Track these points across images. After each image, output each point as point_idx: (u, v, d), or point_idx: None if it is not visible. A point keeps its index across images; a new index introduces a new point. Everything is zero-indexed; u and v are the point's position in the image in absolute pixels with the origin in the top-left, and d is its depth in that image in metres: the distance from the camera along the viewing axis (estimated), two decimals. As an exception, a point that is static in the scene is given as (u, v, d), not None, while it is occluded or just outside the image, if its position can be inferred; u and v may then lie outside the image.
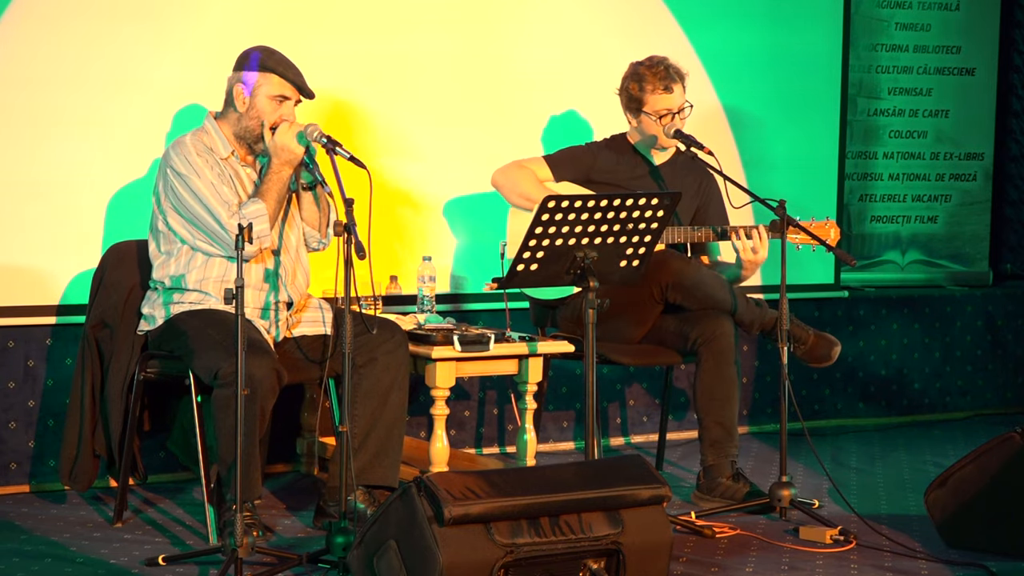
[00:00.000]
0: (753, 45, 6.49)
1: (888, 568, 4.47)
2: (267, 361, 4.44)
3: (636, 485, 4.00)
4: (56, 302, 5.23)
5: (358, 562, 3.94)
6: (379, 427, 4.69)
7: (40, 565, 4.35)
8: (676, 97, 5.31)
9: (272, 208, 4.63)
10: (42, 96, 5.16)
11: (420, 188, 5.82)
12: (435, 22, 5.81)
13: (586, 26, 6.10)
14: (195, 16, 5.37)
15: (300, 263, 4.83)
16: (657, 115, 5.30)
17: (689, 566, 4.44)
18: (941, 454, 6.22)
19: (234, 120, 4.73)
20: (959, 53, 7.37)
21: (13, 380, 5.23)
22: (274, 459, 5.54)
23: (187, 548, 4.54)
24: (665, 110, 5.30)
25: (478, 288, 5.86)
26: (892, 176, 7.32)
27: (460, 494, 3.77)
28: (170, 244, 4.71)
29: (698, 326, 5.20)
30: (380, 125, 5.72)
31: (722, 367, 5.17)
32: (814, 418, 6.79)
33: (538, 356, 5.05)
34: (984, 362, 7.22)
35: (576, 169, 5.40)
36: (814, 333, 5.24)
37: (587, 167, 5.39)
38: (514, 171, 5.38)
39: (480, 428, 6.07)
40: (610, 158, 5.41)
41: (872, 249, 7.30)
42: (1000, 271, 7.64)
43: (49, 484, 5.25)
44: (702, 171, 5.42)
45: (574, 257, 4.60)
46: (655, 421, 6.36)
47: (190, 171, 4.63)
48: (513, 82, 5.97)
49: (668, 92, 5.29)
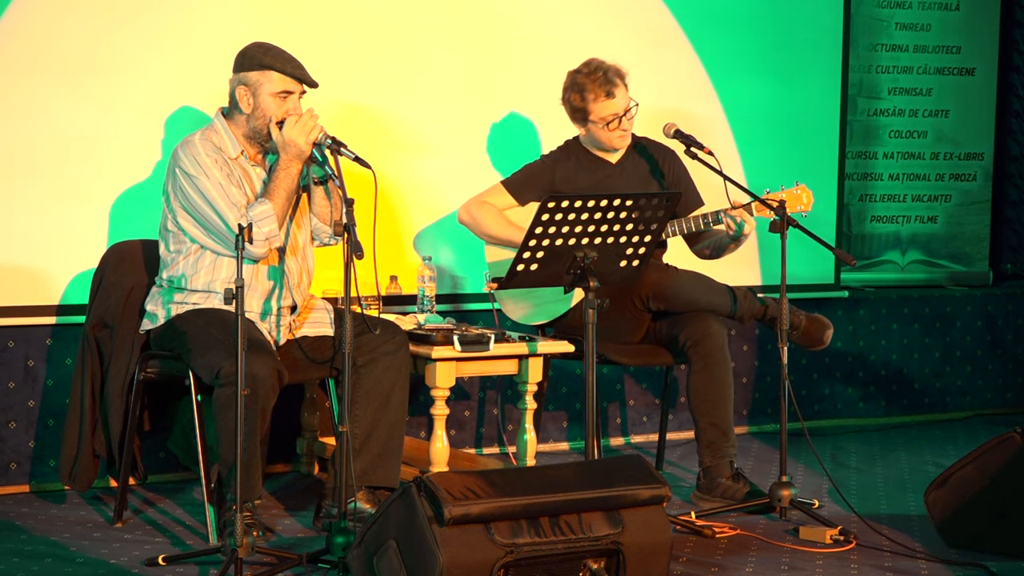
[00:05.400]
0: (753, 45, 6.49)
1: (888, 568, 4.47)
2: (268, 361, 4.43)
3: (636, 485, 4.00)
4: (56, 302, 5.24)
5: (358, 562, 3.94)
6: (381, 428, 4.69)
7: (40, 565, 4.35)
8: (620, 100, 5.24)
9: (281, 206, 4.61)
10: (42, 96, 5.16)
11: (420, 188, 5.82)
12: (435, 21, 5.81)
13: (588, 26, 6.09)
14: (196, 15, 5.37)
15: (306, 265, 4.82)
16: (604, 122, 5.25)
17: (689, 566, 4.44)
18: (941, 454, 6.22)
19: (242, 122, 4.70)
20: (959, 53, 7.37)
21: (13, 380, 5.23)
22: (274, 459, 5.54)
23: (187, 548, 4.54)
24: (611, 115, 5.24)
25: (478, 288, 5.86)
26: (892, 176, 7.32)
27: (460, 494, 3.77)
28: (179, 244, 4.70)
29: (686, 329, 5.19)
30: (379, 125, 5.72)
31: (711, 368, 5.16)
32: (814, 418, 6.79)
33: (538, 356, 5.05)
34: (984, 362, 7.22)
35: (536, 186, 5.35)
36: (806, 317, 5.23)
37: (547, 182, 5.35)
38: (475, 209, 5.36)
39: (480, 428, 6.07)
40: (568, 167, 5.37)
41: (872, 249, 7.30)
42: (1000, 271, 7.65)
43: (49, 484, 5.25)
44: (659, 152, 5.40)
45: (574, 257, 4.60)
46: (655, 421, 6.36)
47: (199, 171, 4.62)
48: (514, 81, 5.97)
49: (610, 97, 5.22)
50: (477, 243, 5.86)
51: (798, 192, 5.25)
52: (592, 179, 5.35)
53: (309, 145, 4.57)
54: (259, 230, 4.53)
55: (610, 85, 5.21)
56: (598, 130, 5.28)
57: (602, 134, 5.28)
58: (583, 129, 5.33)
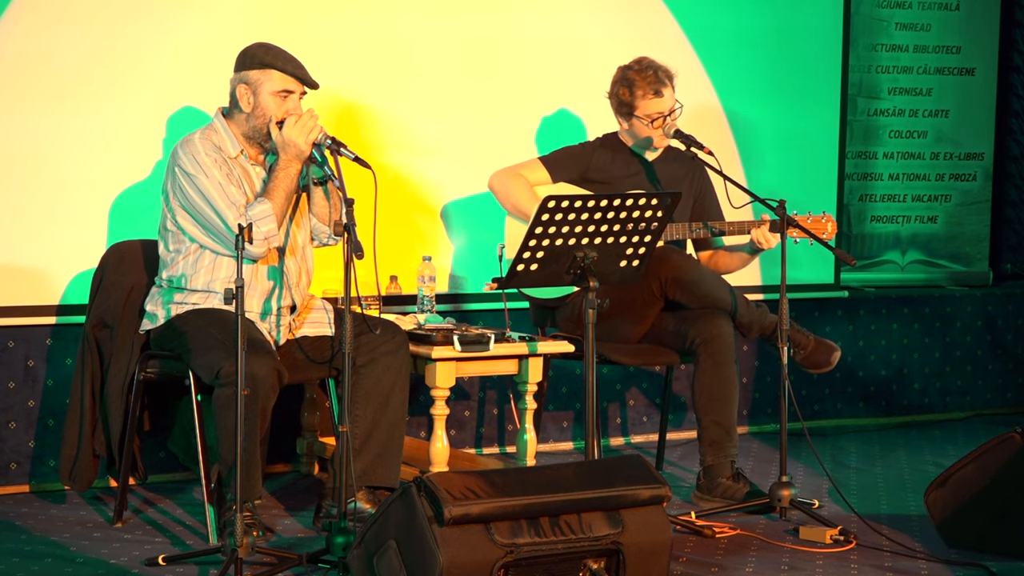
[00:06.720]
0: (753, 45, 6.49)
1: (888, 568, 4.47)
2: (268, 360, 4.43)
3: (636, 485, 4.00)
4: (56, 302, 5.23)
5: (358, 562, 3.94)
6: (381, 428, 4.69)
7: (40, 565, 4.35)
8: (667, 100, 5.32)
9: (280, 206, 4.61)
10: (42, 96, 5.16)
11: (420, 188, 5.82)
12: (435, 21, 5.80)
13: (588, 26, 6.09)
14: (196, 15, 5.37)
15: (305, 265, 4.82)
16: (649, 119, 5.31)
17: (689, 566, 4.44)
18: (941, 454, 6.22)
19: (242, 121, 4.71)
20: (959, 53, 7.37)
21: (13, 380, 5.23)
22: (274, 459, 5.54)
23: (187, 548, 4.54)
24: (656, 114, 5.31)
25: (478, 288, 5.86)
26: (892, 176, 7.32)
27: (460, 494, 3.77)
28: (178, 243, 4.70)
29: (696, 326, 5.20)
30: (379, 124, 5.72)
31: (720, 367, 5.17)
32: (814, 418, 6.79)
33: (538, 356, 5.05)
34: (984, 362, 7.22)
35: (573, 169, 5.41)
36: (814, 339, 5.25)
37: (583, 167, 5.40)
38: (509, 179, 5.38)
39: (480, 428, 6.07)
40: (605, 157, 5.42)
41: (872, 249, 7.30)
42: (1000, 271, 7.64)
43: (49, 484, 5.25)
44: (692, 163, 5.43)
45: (574, 257, 4.60)
46: (655, 421, 6.36)
47: (198, 170, 4.62)
48: (515, 81, 5.96)
49: (659, 96, 5.30)
50: (477, 243, 5.86)
51: (824, 221, 5.30)
52: (626, 172, 5.40)
53: (309, 145, 4.57)
54: (258, 229, 4.53)
55: (659, 84, 5.30)
56: (641, 126, 5.32)
57: (644, 131, 5.33)
58: (626, 123, 5.37)
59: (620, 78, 5.38)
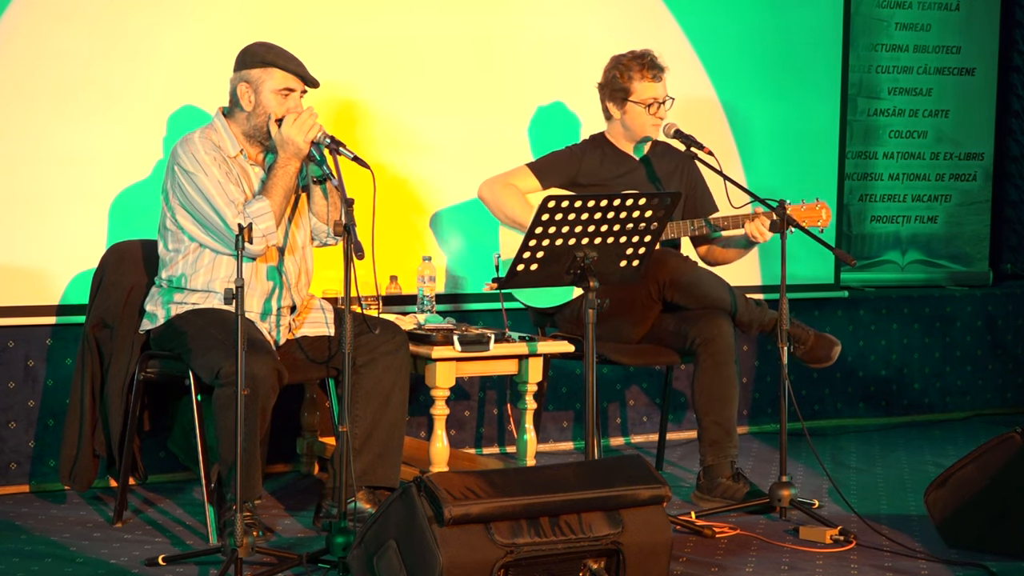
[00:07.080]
0: (753, 44, 6.49)
1: (888, 568, 4.47)
2: (268, 360, 4.43)
3: (636, 485, 4.00)
4: (56, 302, 5.23)
5: (358, 562, 3.94)
6: (381, 428, 4.69)
7: (40, 565, 4.35)
8: (662, 87, 5.34)
9: (278, 204, 4.61)
10: (42, 97, 5.16)
11: (420, 187, 5.82)
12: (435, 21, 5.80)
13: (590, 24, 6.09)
14: (197, 14, 5.37)
15: (305, 264, 4.82)
16: (644, 104, 5.31)
17: (689, 566, 4.44)
18: (941, 454, 6.22)
19: (242, 120, 4.71)
20: (959, 53, 7.37)
21: (13, 380, 5.23)
22: (274, 459, 5.54)
23: (187, 548, 4.54)
24: (652, 99, 5.31)
25: (478, 288, 5.86)
26: (892, 176, 7.32)
27: (460, 494, 3.77)
28: (178, 242, 4.70)
29: (696, 326, 5.20)
30: (378, 123, 5.72)
31: (720, 367, 5.17)
32: (814, 418, 6.79)
33: (538, 356, 5.05)
34: (984, 362, 7.22)
35: (562, 174, 5.39)
36: (814, 333, 5.25)
37: (573, 171, 5.39)
38: (499, 189, 5.37)
39: (480, 428, 6.07)
40: (594, 159, 5.41)
41: (872, 249, 7.30)
42: (1000, 271, 7.65)
43: (49, 484, 5.25)
44: (680, 156, 5.42)
45: (574, 257, 4.60)
46: (655, 421, 6.36)
47: (197, 168, 4.62)
48: (515, 79, 5.96)
49: (656, 80, 5.32)
50: (477, 243, 5.86)
51: (818, 208, 5.29)
52: (615, 173, 5.39)
53: (307, 144, 4.57)
54: (256, 227, 4.53)
55: (656, 70, 5.34)
56: (636, 113, 5.32)
57: (638, 117, 5.33)
58: (618, 111, 5.36)
59: (614, 65, 5.38)
